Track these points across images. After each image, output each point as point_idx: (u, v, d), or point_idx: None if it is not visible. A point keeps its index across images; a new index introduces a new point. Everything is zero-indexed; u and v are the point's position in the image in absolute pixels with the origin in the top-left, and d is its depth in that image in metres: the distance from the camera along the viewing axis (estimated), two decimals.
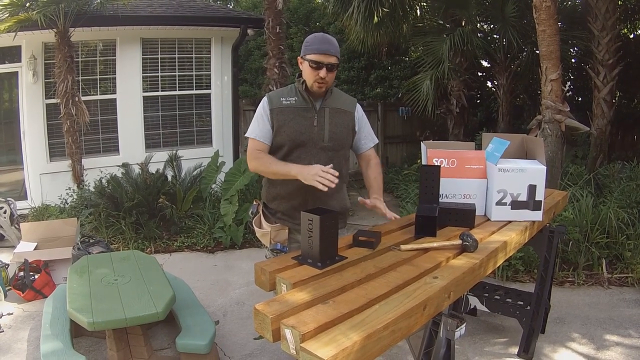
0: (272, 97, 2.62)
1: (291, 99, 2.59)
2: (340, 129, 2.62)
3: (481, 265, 2.04)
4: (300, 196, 2.58)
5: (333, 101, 2.63)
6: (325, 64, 2.47)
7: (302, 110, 2.57)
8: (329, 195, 2.56)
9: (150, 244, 5.77)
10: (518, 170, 2.55)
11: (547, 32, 5.36)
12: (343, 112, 2.64)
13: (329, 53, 2.48)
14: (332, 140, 2.59)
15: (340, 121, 2.62)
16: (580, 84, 9.41)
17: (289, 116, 2.56)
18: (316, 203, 2.54)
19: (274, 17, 7.31)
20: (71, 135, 6.83)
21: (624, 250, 4.77)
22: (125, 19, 7.06)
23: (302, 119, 2.56)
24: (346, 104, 2.68)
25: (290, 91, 2.63)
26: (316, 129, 2.57)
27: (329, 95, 2.62)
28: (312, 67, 2.48)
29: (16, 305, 4.27)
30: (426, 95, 7.84)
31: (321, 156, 2.57)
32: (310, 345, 1.34)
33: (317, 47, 2.48)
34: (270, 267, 1.91)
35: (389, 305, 1.58)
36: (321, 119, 2.58)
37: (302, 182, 2.42)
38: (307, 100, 2.57)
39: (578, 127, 5.63)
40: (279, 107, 2.57)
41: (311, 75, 2.50)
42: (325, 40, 2.51)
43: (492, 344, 3.59)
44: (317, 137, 2.57)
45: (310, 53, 2.49)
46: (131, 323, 2.83)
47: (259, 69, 11.48)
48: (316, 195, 2.54)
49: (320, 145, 2.57)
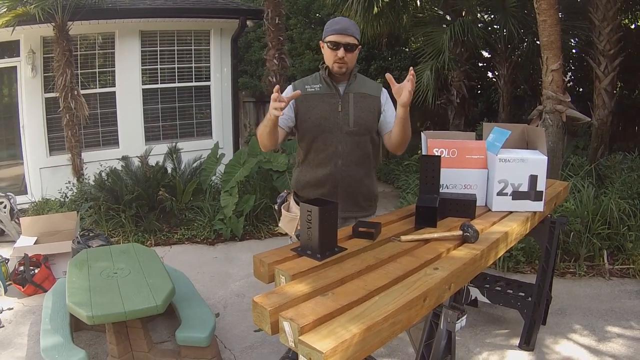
0: (296, 86, 2.66)
1: (315, 86, 2.62)
2: (366, 113, 2.63)
3: (482, 256, 2.02)
4: (329, 183, 2.61)
5: (357, 86, 2.64)
6: (343, 43, 2.50)
7: (327, 97, 2.60)
8: (358, 181, 2.62)
9: (150, 237, 5.76)
10: (519, 160, 2.53)
11: (548, 22, 5.32)
12: (368, 97, 2.65)
13: (347, 33, 2.51)
14: (357, 125, 2.60)
15: (365, 105, 2.63)
16: (581, 75, 9.35)
17: (313, 103, 2.60)
18: (347, 190, 2.61)
19: (273, 8, 7.27)
20: (70, 129, 6.80)
21: (626, 242, 4.75)
22: (124, 12, 7.02)
23: (326, 105, 2.59)
24: (371, 89, 2.69)
25: (315, 79, 2.67)
26: (341, 114, 2.59)
27: (352, 80, 2.64)
28: (331, 48, 2.52)
29: (16, 300, 4.27)
30: (427, 85, 7.81)
31: (347, 141, 2.60)
32: (308, 338, 1.32)
33: (334, 28, 2.53)
34: (269, 258, 1.89)
35: (389, 297, 1.56)
36: (345, 104, 2.60)
37: (331, 169, 2.55)
38: (331, 86, 2.60)
39: (579, 118, 5.59)
40: (303, 95, 2.58)
41: (331, 56, 2.54)
42: (342, 21, 2.57)
43: (493, 335, 3.59)
44: (342, 122, 2.59)
45: (328, 35, 2.54)
46: (130, 316, 2.82)
47: (259, 61, 11.45)
48: (346, 182, 2.62)
49: (345, 130, 2.59)
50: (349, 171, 2.62)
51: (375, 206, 2.83)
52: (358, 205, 2.70)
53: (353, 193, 2.64)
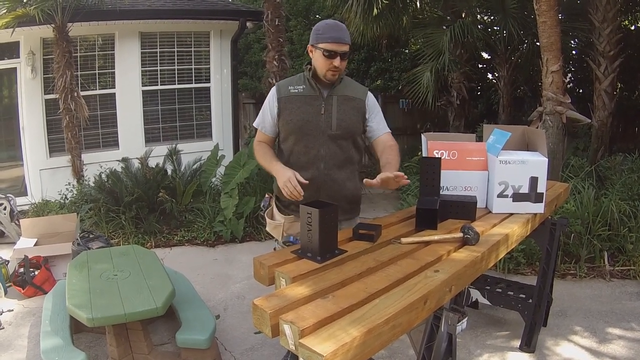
0: (280, 86, 2.62)
1: (299, 87, 2.57)
2: (349, 116, 2.57)
3: (483, 258, 2.02)
4: (311, 187, 2.54)
5: (342, 89, 2.59)
6: (339, 52, 2.44)
7: (310, 99, 2.55)
8: (341, 184, 2.58)
9: (150, 239, 5.75)
10: (519, 162, 2.52)
11: (548, 23, 5.32)
12: (352, 99, 2.60)
13: (343, 42, 2.45)
14: (340, 129, 2.55)
15: (349, 108, 2.58)
16: (581, 76, 9.35)
17: (295, 104, 2.56)
18: (329, 193, 2.56)
19: (273, 10, 7.26)
20: (70, 130, 6.81)
21: (626, 243, 4.75)
22: (124, 13, 7.03)
23: (309, 107, 2.55)
24: (356, 91, 2.63)
25: (299, 79, 2.62)
26: (323, 117, 2.54)
27: (337, 82, 2.58)
28: (325, 55, 2.44)
29: (16, 302, 4.26)
30: (426, 87, 7.80)
31: (329, 145, 2.56)
32: (309, 341, 1.32)
33: (331, 36, 2.44)
34: (269, 261, 1.89)
35: (389, 300, 1.56)
36: (329, 106, 2.55)
37: (313, 173, 2.53)
38: (315, 88, 2.55)
39: (579, 119, 5.59)
40: (286, 96, 2.56)
41: (324, 64, 2.47)
42: (337, 28, 2.47)
43: (494, 337, 3.58)
44: (324, 126, 2.54)
45: (323, 42, 2.45)
46: (130, 318, 2.82)
47: (259, 62, 11.44)
48: (328, 186, 2.57)
49: (328, 134, 2.55)
50: (331, 175, 2.58)
51: (358, 209, 2.79)
52: (341, 209, 2.62)
53: (336, 197, 2.55)
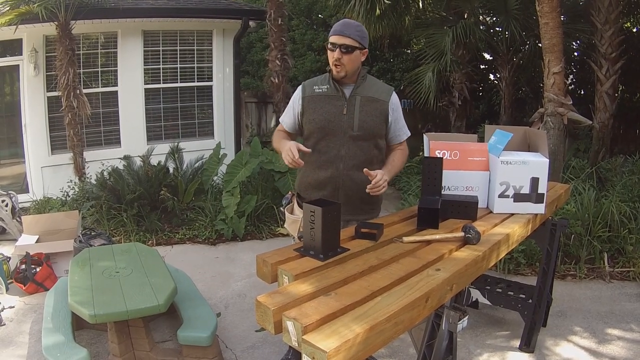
0: (306, 85, 2.67)
1: (323, 87, 2.60)
2: (372, 117, 2.59)
3: (484, 257, 2.03)
4: (330, 186, 2.60)
5: (365, 89, 2.61)
6: (339, 44, 2.46)
7: (332, 99, 2.58)
8: (359, 185, 2.57)
9: (151, 236, 5.77)
10: (521, 162, 2.54)
11: (550, 24, 5.33)
12: (375, 101, 2.61)
13: (344, 34, 2.47)
14: (361, 129, 2.57)
15: (371, 110, 2.59)
16: (582, 77, 9.35)
17: (318, 104, 2.59)
18: (347, 193, 2.59)
19: (275, 9, 7.28)
20: (72, 127, 6.81)
21: (626, 244, 4.76)
22: (127, 11, 7.02)
23: (331, 107, 2.57)
24: (380, 92, 2.64)
25: (324, 79, 2.64)
26: (345, 118, 2.56)
27: (361, 82, 2.60)
28: (329, 49, 2.51)
29: (18, 299, 4.28)
30: (428, 87, 7.80)
31: (350, 145, 2.58)
32: (312, 337, 1.33)
33: (334, 29, 2.51)
34: (272, 258, 1.90)
35: (391, 297, 1.57)
36: (351, 107, 2.57)
37: (332, 172, 2.56)
38: (337, 89, 2.57)
39: (580, 120, 5.60)
40: (310, 95, 2.60)
41: (330, 57, 2.53)
42: (344, 23, 2.53)
43: (494, 336, 3.59)
44: (346, 126, 2.56)
45: (329, 37, 2.53)
46: (132, 315, 2.83)
47: (261, 61, 11.46)
48: (347, 186, 2.60)
49: (349, 134, 2.57)
50: (350, 175, 2.59)
51: (378, 209, 2.80)
52: (359, 209, 2.67)
53: (354, 197, 2.60)
